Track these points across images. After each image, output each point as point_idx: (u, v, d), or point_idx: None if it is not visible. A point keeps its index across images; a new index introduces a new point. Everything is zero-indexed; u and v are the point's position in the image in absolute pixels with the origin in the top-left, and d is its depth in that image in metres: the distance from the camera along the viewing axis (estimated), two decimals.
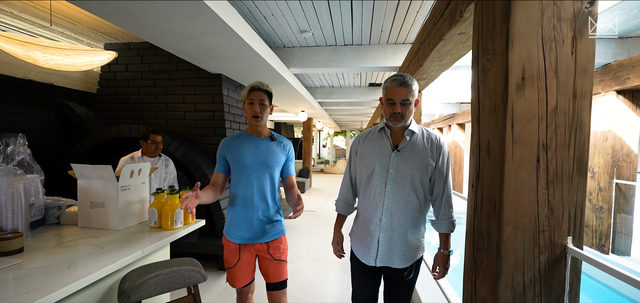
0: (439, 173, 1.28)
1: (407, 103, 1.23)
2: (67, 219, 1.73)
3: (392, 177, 1.26)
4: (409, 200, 1.26)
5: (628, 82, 3.03)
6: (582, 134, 0.98)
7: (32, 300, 0.91)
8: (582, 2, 0.96)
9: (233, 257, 1.45)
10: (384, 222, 1.27)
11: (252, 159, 1.44)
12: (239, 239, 1.44)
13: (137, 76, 3.58)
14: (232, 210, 1.46)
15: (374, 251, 1.29)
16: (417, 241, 1.30)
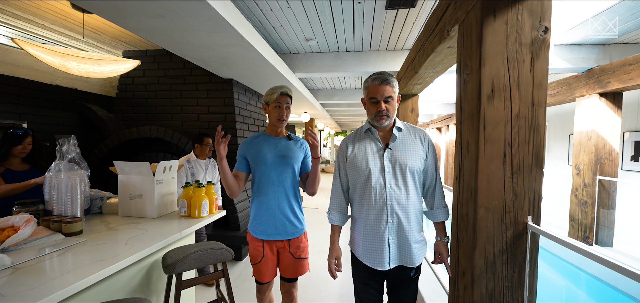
0: (430, 165, 1.30)
1: (390, 99, 1.24)
2: (108, 209, 2.00)
3: (390, 176, 1.24)
4: (410, 195, 1.25)
5: (609, 85, 3.28)
6: (538, 134, 1.24)
7: (107, 265, 1.17)
8: (537, 31, 1.22)
9: (258, 253, 1.51)
10: (391, 224, 1.24)
11: (272, 157, 1.50)
12: (262, 235, 1.51)
13: (154, 80, 3.84)
14: (255, 207, 1.53)
15: (386, 255, 1.24)
16: (421, 236, 1.29)
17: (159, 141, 3.61)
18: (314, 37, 3.46)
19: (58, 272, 1.11)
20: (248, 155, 1.54)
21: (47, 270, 1.13)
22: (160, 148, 3.63)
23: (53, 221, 1.54)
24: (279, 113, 1.51)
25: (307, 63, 4.00)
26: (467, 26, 1.42)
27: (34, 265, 1.17)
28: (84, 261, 1.21)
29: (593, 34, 3.19)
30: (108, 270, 1.15)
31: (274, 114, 1.52)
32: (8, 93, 3.08)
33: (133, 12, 1.82)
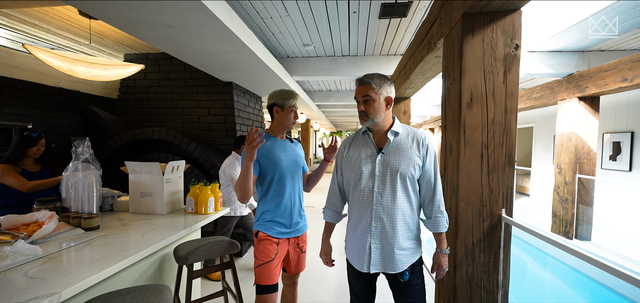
0: (426, 172, 1.22)
1: (369, 99, 1.19)
2: (119, 206, 2.12)
3: (379, 181, 1.21)
4: (398, 202, 1.20)
5: (587, 90, 3.51)
6: (510, 137, 1.41)
7: (131, 255, 1.31)
8: (509, 48, 1.40)
9: (271, 252, 1.49)
10: (375, 228, 1.22)
11: (286, 160, 1.53)
12: (279, 234, 1.52)
13: (155, 83, 3.95)
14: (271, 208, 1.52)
15: (366, 258, 1.24)
16: (410, 243, 1.23)
17: (161, 142, 3.72)
18: (311, 43, 3.61)
19: (88, 260, 1.25)
20: (260, 159, 1.50)
21: (77, 260, 1.26)
22: (162, 149, 3.74)
23: (72, 217, 1.67)
24: (294, 118, 1.57)
25: (304, 67, 4.16)
26: (450, 40, 1.59)
27: (64, 255, 1.30)
28: (107, 251, 1.35)
29: (572, 42, 3.41)
30: (132, 259, 1.29)
31: (289, 119, 1.55)
32: (14, 96, 3.16)
33: (146, 23, 1.95)
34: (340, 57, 4.11)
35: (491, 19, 1.40)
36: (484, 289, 1.43)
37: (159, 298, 1.16)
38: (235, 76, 3.56)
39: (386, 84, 1.21)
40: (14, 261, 1.19)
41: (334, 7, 2.69)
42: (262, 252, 1.50)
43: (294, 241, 1.60)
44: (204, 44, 2.37)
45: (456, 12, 1.48)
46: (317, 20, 2.96)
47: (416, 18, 2.90)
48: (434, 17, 1.91)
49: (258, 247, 1.52)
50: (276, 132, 1.60)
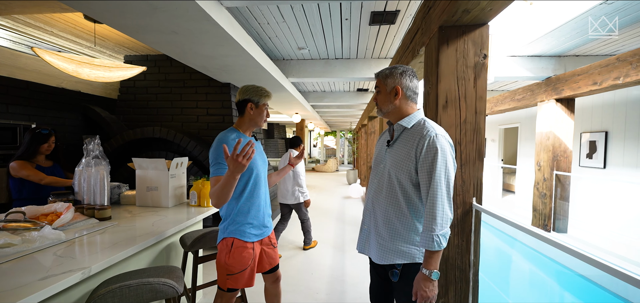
0: (422, 172, 1.10)
1: (379, 91, 1.24)
2: (126, 200, 2.27)
3: (379, 172, 1.26)
4: (389, 197, 1.19)
5: (563, 92, 3.76)
6: (480, 135, 1.62)
7: (144, 240, 1.47)
8: (479, 57, 1.60)
9: (248, 257, 1.43)
10: (368, 213, 1.30)
11: (260, 160, 1.50)
12: (255, 238, 1.47)
13: (155, 84, 4.08)
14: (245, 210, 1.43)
15: (360, 238, 1.34)
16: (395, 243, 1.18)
17: (161, 140, 3.85)
18: (306, 46, 3.79)
19: (108, 243, 1.41)
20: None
21: (98, 243, 1.42)
22: (162, 148, 3.88)
23: (86, 208, 1.82)
24: (266, 116, 1.52)
25: (300, 69, 4.33)
26: (429, 49, 1.79)
27: (85, 239, 1.46)
28: (123, 237, 1.51)
29: (549, 48, 3.66)
30: (148, 241, 1.46)
31: (262, 117, 1.50)
32: (19, 96, 3.27)
33: (153, 30, 2.11)
34: (333, 60, 4.30)
35: (463, 31, 1.60)
36: (458, 268, 1.63)
37: (172, 275, 1.33)
38: (234, 78, 3.72)
39: (394, 75, 1.18)
40: (41, 244, 1.34)
41: (327, 14, 2.88)
42: (238, 261, 1.40)
43: (267, 239, 1.56)
44: (206, 49, 2.53)
45: (434, 25, 1.68)
46: (311, 25, 3.14)
47: (403, 25, 3.11)
48: (417, 27, 2.11)
49: (232, 255, 1.39)
50: (245, 129, 1.50)
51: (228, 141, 1.39)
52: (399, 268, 1.19)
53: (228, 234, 1.42)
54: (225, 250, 1.41)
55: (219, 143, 1.38)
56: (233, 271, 1.40)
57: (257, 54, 2.86)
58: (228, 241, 1.41)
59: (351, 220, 5.05)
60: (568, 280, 3.51)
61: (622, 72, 2.95)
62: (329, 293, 2.53)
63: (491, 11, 1.44)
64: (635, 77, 2.82)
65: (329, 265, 3.12)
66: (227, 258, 1.40)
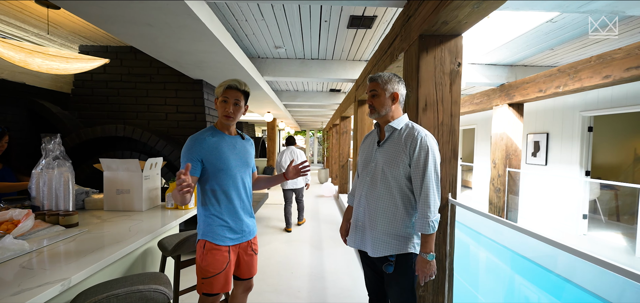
0: (415, 168, 1.24)
1: (375, 94, 1.31)
2: (92, 204, 2.08)
3: (371, 170, 1.34)
4: (380, 194, 1.29)
5: (514, 98, 4.22)
6: (455, 136, 1.77)
7: (125, 246, 1.38)
8: (454, 65, 1.75)
9: (222, 261, 1.37)
10: (361, 210, 1.37)
11: (235, 160, 1.42)
12: (229, 241, 1.40)
13: (116, 78, 3.76)
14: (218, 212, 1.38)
15: (354, 234, 1.41)
16: (390, 236, 1.27)
17: (124, 140, 3.57)
18: (283, 45, 3.77)
19: (83, 252, 1.29)
20: (204, 157, 1.35)
21: (70, 252, 1.30)
22: (126, 147, 3.60)
23: (48, 215, 1.64)
24: (225, 109, 1.38)
25: (275, 68, 4.30)
26: (409, 55, 1.92)
27: (53, 249, 1.32)
28: (99, 244, 1.39)
29: (503, 58, 4.08)
30: (129, 247, 1.37)
31: (220, 110, 1.40)
32: None
33: (124, 20, 1.96)
34: (309, 60, 4.33)
35: (441, 41, 1.74)
36: (436, 258, 1.77)
37: (160, 281, 1.26)
38: (207, 74, 3.58)
39: (393, 81, 1.31)
40: (2, 256, 1.19)
41: (307, 15, 2.90)
42: (211, 264, 1.35)
43: (245, 245, 1.48)
44: (182, 44, 2.41)
45: (414, 33, 1.80)
46: (290, 25, 3.14)
47: (379, 31, 3.25)
48: (396, 33, 2.23)
49: (205, 258, 1.35)
50: (221, 127, 1.44)
51: (196, 138, 1.37)
52: (392, 260, 1.29)
53: (201, 235, 1.39)
54: (200, 252, 1.38)
55: (189, 140, 1.38)
56: (208, 274, 1.36)
57: (235, 51, 2.79)
58: (201, 243, 1.38)
59: (326, 218, 5.13)
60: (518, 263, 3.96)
61: (562, 81, 3.40)
62: (310, 291, 2.57)
63: (466, 24, 1.59)
64: (573, 86, 3.27)
65: (307, 264, 3.16)
66: (202, 260, 1.36)
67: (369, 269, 1.46)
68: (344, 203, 5.95)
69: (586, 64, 3.10)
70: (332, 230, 4.46)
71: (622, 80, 2.77)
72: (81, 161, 3.42)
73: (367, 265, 1.46)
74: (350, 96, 4.96)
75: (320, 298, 2.47)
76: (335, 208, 6.14)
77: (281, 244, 3.71)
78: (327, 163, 11.83)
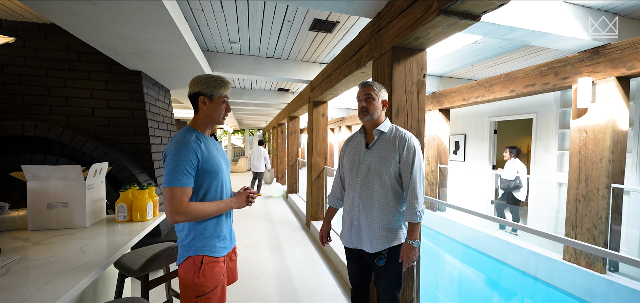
0: (404, 166, 1.38)
1: (370, 98, 1.42)
2: (8, 224, 1.63)
3: (362, 171, 1.44)
4: (375, 191, 1.40)
5: (443, 104, 4.94)
6: (421, 137, 2.01)
7: (93, 270, 1.15)
8: (420, 76, 1.99)
9: (221, 272, 1.29)
10: (355, 210, 1.46)
11: (223, 162, 1.34)
12: (225, 251, 1.33)
13: (18, 61, 2.97)
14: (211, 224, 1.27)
15: (348, 234, 1.49)
16: (386, 230, 1.39)
17: (33, 140, 2.85)
18: (237, 41, 3.58)
19: (37, 283, 1.02)
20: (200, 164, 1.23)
21: (13, 286, 1.01)
22: (33, 150, 2.88)
23: None
24: (226, 110, 1.33)
25: (227, 63, 4.04)
26: (380, 64, 2.08)
27: None
28: (48, 273, 1.12)
29: (436, 69, 4.73)
30: (95, 273, 1.14)
31: (220, 112, 1.29)
32: None
33: None
34: (264, 58, 4.21)
35: (410, 53, 1.94)
36: None
37: None
38: (148, 66, 3.14)
39: (383, 89, 1.47)
40: None
41: (271, 13, 2.83)
42: (209, 279, 1.23)
43: (231, 252, 1.41)
44: (131, 30, 2.07)
45: (386, 44, 1.97)
46: (250, 21, 3.02)
47: (339, 35, 3.39)
48: (364, 41, 2.38)
49: (203, 274, 1.23)
50: (203, 128, 1.30)
51: (189, 143, 1.20)
52: (384, 253, 1.41)
53: (195, 251, 1.23)
54: (193, 270, 1.22)
55: (180, 145, 1.18)
56: (204, 291, 1.23)
57: (192, 44, 2.54)
58: (196, 260, 1.23)
59: (279, 219, 5.08)
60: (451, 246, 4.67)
61: (480, 92, 4.15)
62: (281, 294, 2.54)
63: (433, 41, 1.82)
64: (488, 97, 4.02)
65: (271, 267, 3.10)
66: (197, 277, 1.22)
67: (355, 264, 1.55)
68: (294, 202, 5.98)
69: (498, 80, 3.86)
70: (287, 230, 4.45)
71: (523, 94, 3.55)
72: None
73: (353, 261, 1.55)
74: (303, 97, 5.01)
75: (293, 299, 2.46)
76: (286, 207, 6.12)
77: (240, 250, 3.52)
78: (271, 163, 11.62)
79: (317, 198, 4.47)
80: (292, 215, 5.47)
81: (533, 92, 3.44)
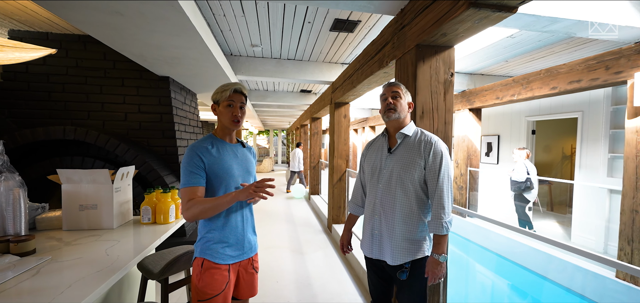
0: (430, 172, 1.28)
1: (398, 96, 1.35)
2: (45, 224, 1.74)
3: (384, 177, 1.35)
4: (397, 199, 1.30)
5: (474, 104, 4.63)
6: (448, 141, 1.86)
7: (113, 273, 1.17)
8: (447, 75, 1.84)
9: (223, 281, 1.26)
10: (376, 218, 1.36)
11: (238, 169, 1.32)
12: (230, 259, 1.29)
13: (61, 71, 3.22)
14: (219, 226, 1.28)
15: (370, 244, 1.40)
16: (408, 241, 1.29)
17: (73, 143, 3.08)
18: (259, 44, 3.61)
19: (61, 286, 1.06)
20: (207, 168, 1.26)
21: (38, 289, 1.06)
22: (74, 152, 3.10)
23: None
24: (233, 113, 1.29)
25: (250, 66, 4.10)
26: (403, 63, 1.96)
27: (13, 288, 1.07)
28: (74, 275, 1.16)
29: (465, 66, 4.45)
30: (116, 276, 1.16)
31: (227, 115, 1.30)
32: None
33: (88, 7, 1.67)
34: (285, 60, 4.22)
35: (436, 51, 1.81)
36: None
37: None
38: (175, 72, 3.26)
39: (408, 92, 1.41)
40: None
41: (291, 15, 2.81)
42: (209, 284, 1.22)
43: (246, 262, 1.36)
44: (156, 37, 2.15)
45: (410, 42, 1.85)
46: (271, 24, 3.01)
47: (360, 35, 3.29)
48: (386, 40, 2.27)
49: (203, 278, 1.23)
50: (223, 134, 1.35)
51: (196, 147, 1.26)
52: (407, 267, 1.31)
53: (199, 253, 1.27)
54: (196, 271, 1.26)
55: (188, 150, 1.26)
56: (203, 297, 1.23)
57: (214, 49, 2.59)
58: (199, 262, 1.26)
59: (301, 221, 5.06)
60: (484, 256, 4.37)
61: (516, 90, 3.82)
62: (301, 300, 2.50)
63: (462, 37, 1.67)
64: (525, 95, 3.69)
65: (291, 270, 3.07)
66: (198, 280, 1.24)
67: (375, 275, 1.46)
68: (316, 203, 5.94)
69: (537, 76, 3.53)
70: (309, 233, 4.42)
71: (566, 91, 3.21)
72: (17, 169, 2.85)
73: (374, 272, 1.45)
74: (325, 98, 4.95)
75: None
76: (308, 209, 6.10)
77: (260, 251, 3.55)
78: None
79: (339, 201, 4.40)
80: (314, 217, 5.44)
81: (578, 89, 3.09)
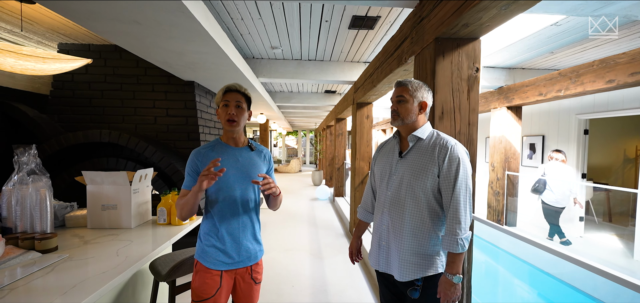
0: (444, 180, 1.12)
1: (402, 100, 1.20)
2: (73, 222, 1.87)
3: (393, 184, 1.22)
4: (407, 209, 1.18)
5: (513, 101, 4.20)
6: (473, 146, 1.67)
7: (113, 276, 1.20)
8: (472, 70, 1.65)
9: (212, 286, 1.24)
10: (384, 228, 1.25)
11: (235, 174, 1.28)
12: (222, 265, 1.26)
13: (100, 78, 3.51)
14: (213, 233, 1.27)
15: (377, 255, 1.28)
16: (418, 256, 1.16)
17: (108, 146, 3.33)
18: (279, 46, 3.61)
19: (66, 286, 1.11)
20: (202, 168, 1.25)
21: (50, 287, 1.11)
22: (110, 154, 3.35)
23: (21, 239, 1.44)
24: (227, 112, 1.25)
25: (271, 69, 4.13)
26: (422, 59, 1.80)
27: (30, 283, 1.13)
28: (83, 274, 1.21)
29: (502, 60, 4.05)
30: (117, 279, 1.19)
31: (222, 115, 1.27)
32: None
33: (108, 17, 1.76)
34: (306, 61, 4.18)
35: (458, 44, 1.63)
36: None
37: None
38: (199, 76, 3.38)
39: (422, 90, 1.22)
40: None
41: (307, 15, 2.75)
42: (200, 287, 1.24)
43: (243, 271, 1.31)
44: (173, 44, 2.22)
45: (429, 35, 1.68)
46: (288, 25, 2.99)
47: (381, 31, 3.13)
48: (405, 35, 2.11)
49: (196, 279, 1.26)
50: (226, 138, 1.33)
51: (200, 151, 1.30)
52: (419, 285, 1.17)
53: (196, 255, 1.32)
54: (193, 272, 1.31)
55: (191, 154, 1.31)
56: (196, 298, 1.26)
57: (231, 52, 2.62)
58: (195, 263, 1.31)
59: (323, 224, 4.99)
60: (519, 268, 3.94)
61: (563, 85, 3.38)
62: None
63: (487, 26, 1.48)
64: (574, 90, 3.25)
65: (308, 275, 3.01)
66: (193, 281, 1.29)
67: (387, 290, 1.34)
68: (339, 206, 5.83)
69: (589, 68, 3.08)
70: (329, 236, 4.33)
71: (627, 84, 2.75)
72: (61, 170, 3.16)
73: (385, 286, 1.34)
74: (348, 98, 4.83)
75: None
76: (332, 211, 6.01)
77: (279, 253, 3.55)
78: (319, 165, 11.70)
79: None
80: (337, 219, 5.34)
81: None
